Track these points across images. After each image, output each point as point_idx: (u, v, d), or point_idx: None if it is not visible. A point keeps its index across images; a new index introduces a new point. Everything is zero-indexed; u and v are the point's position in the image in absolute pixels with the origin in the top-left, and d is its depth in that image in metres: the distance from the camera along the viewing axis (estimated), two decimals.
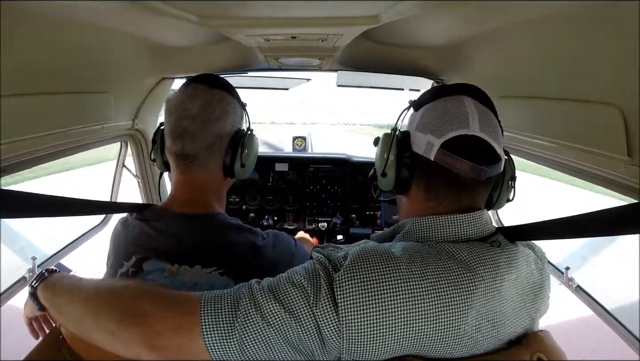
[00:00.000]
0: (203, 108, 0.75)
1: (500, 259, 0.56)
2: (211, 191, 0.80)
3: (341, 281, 0.50)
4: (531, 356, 0.54)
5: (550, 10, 0.62)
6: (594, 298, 1.13)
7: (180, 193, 0.78)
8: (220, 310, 0.51)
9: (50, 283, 0.63)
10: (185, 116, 0.74)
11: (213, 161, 0.78)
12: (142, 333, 0.51)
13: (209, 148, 0.76)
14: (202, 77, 0.80)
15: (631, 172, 0.62)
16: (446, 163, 0.58)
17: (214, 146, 0.76)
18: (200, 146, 0.75)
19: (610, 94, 0.63)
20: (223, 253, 0.72)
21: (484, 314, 0.52)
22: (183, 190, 0.78)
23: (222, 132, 0.77)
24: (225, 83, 0.82)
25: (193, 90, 0.77)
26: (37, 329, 0.75)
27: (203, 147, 0.75)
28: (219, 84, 0.80)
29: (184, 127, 0.74)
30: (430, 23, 0.85)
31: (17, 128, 0.71)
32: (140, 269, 0.71)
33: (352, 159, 1.83)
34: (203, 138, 0.75)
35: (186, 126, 0.74)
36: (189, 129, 0.74)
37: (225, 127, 0.77)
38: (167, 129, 0.78)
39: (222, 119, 0.76)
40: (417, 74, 1.39)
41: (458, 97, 0.62)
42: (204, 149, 0.76)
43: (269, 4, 0.65)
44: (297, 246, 0.85)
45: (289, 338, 0.49)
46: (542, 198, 3.95)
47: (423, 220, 0.61)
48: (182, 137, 0.75)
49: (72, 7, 0.64)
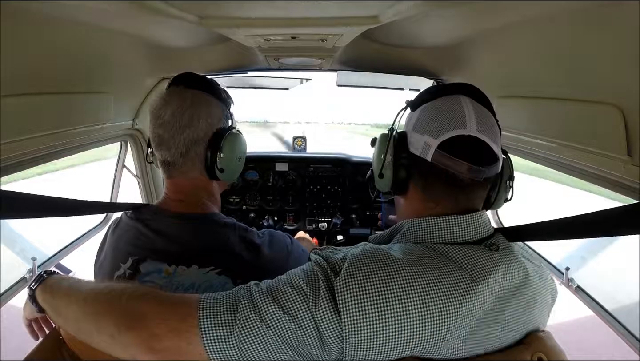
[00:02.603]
0: (172, 115, 0.73)
1: (498, 264, 0.55)
2: (200, 192, 0.79)
3: (342, 285, 0.50)
4: (531, 356, 0.54)
5: (550, 10, 0.62)
6: (594, 298, 1.13)
7: (172, 194, 0.78)
8: (219, 312, 0.51)
9: (48, 284, 0.62)
10: (159, 124, 0.73)
11: (192, 167, 0.76)
12: (141, 336, 0.50)
13: (184, 155, 0.74)
14: (179, 78, 0.78)
15: (631, 172, 0.62)
16: (443, 164, 0.58)
17: (189, 153, 0.74)
18: (174, 153, 0.74)
19: (610, 94, 0.62)
20: (220, 252, 0.72)
21: (483, 318, 0.52)
22: (173, 192, 0.78)
23: (195, 138, 0.74)
24: (204, 82, 0.79)
25: (167, 95, 0.75)
26: (36, 330, 0.75)
27: (178, 155, 0.74)
28: (196, 83, 0.77)
29: (159, 136, 0.74)
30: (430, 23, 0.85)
31: (17, 128, 0.71)
32: (137, 270, 0.70)
33: (352, 159, 1.83)
34: (176, 146, 0.73)
35: (160, 134, 0.74)
36: (163, 137, 0.73)
37: (198, 132, 0.74)
38: (149, 135, 0.78)
39: (193, 124, 0.73)
40: (417, 74, 1.39)
41: (455, 97, 0.62)
42: (179, 156, 0.74)
43: (269, 4, 0.65)
44: (292, 244, 0.85)
45: (288, 340, 0.49)
46: (536, 198, 3.96)
47: (421, 221, 0.60)
48: (160, 145, 0.75)
49: (72, 8, 0.64)
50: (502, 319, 0.54)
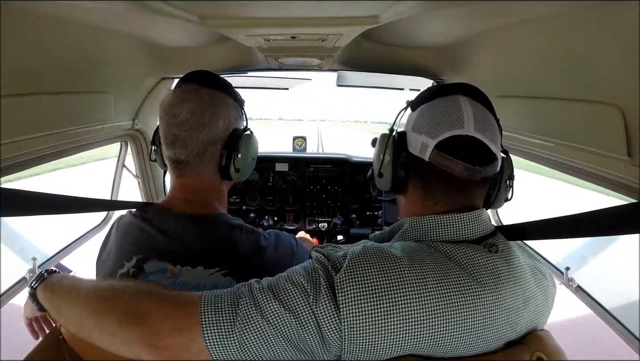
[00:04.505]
0: (191, 114, 0.72)
1: (498, 264, 0.55)
2: (210, 192, 0.79)
3: (342, 282, 0.50)
4: (531, 355, 0.54)
5: (550, 10, 0.62)
6: (594, 298, 1.13)
7: (179, 194, 0.78)
8: (220, 309, 0.51)
9: (49, 283, 0.63)
10: (174, 122, 0.72)
11: (207, 166, 0.76)
12: (143, 333, 0.51)
13: (200, 155, 0.74)
14: (193, 75, 0.77)
15: (631, 172, 0.62)
16: (441, 164, 0.58)
17: (206, 152, 0.74)
18: (191, 152, 0.73)
19: (610, 94, 0.62)
20: (226, 253, 0.71)
21: (483, 317, 0.52)
22: (181, 192, 0.78)
23: (214, 137, 0.74)
24: (219, 81, 0.79)
25: (182, 92, 0.74)
26: (37, 329, 0.75)
27: (194, 154, 0.73)
28: (211, 82, 0.77)
29: (174, 134, 0.73)
30: (430, 23, 0.85)
31: (17, 128, 0.71)
32: (142, 270, 0.70)
33: (352, 159, 1.83)
34: (193, 145, 0.73)
35: (175, 133, 0.72)
36: (179, 136, 0.72)
37: (216, 132, 0.74)
38: (160, 133, 0.77)
39: (213, 123, 0.73)
40: (417, 74, 1.39)
41: (454, 97, 0.62)
42: (195, 155, 0.74)
43: (269, 4, 0.65)
44: (298, 246, 0.85)
45: (289, 336, 0.50)
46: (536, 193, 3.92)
47: (420, 220, 0.61)
48: (173, 143, 0.74)
49: (72, 7, 0.64)
50: (501, 318, 0.54)
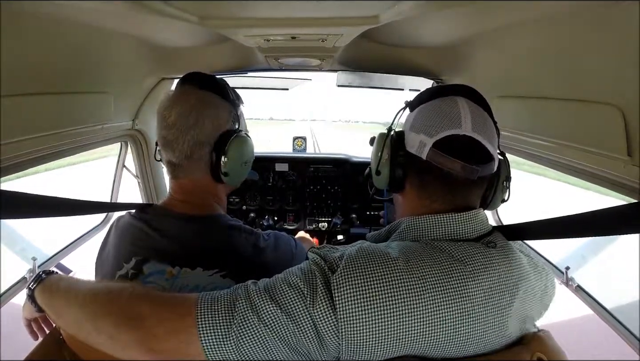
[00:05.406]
0: (179, 116, 0.72)
1: (496, 261, 0.56)
2: (205, 194, 0.79)
3: (339, 282, 0.50)
4: (531, 356, 0.54)
5: (549, 10, 0.62)
6: (594, 297, 1.13)
7: (177, 195, 0.78)
8: (216, 311, 0.51)
9: (47, 285, 0.62)
10: (164, 125, 0.73)
11: (197, 169, 0.75)
12: (140, 336, 0.50)
13: (188, 157, 0.74)
14: (186, 78, 0.78)
15: (631, 172, 0.62)
16: (438, 162, 0.58)
17: (193, 155, 0.74)
18: (179, 155, 0.73)
19: (610, 94, 0.63)
20: (225, 255, 0.71)
21: (482, 315, 0.52)
22: (179, 193, 0.78)
23: (200, 140, 0.73)
24: (211, 82, 0.78)
25: (174, 95, 0.75)
26: (36, 330, 0.75)
27: (183, 156, 0.73)
28: (201, 83, 0.77)
29: (164, 137, 0.73)
30: (430, 23, 0.85)
31: (17, 128, 0.71)
32: (140, 271, 0.70)
33: (351, 159, 1.83)
34: (181, 148, 0.73)
35: (165, 135, 0.73)
36: (168, 139, 0.73)
37: (203, 134, 0.73)
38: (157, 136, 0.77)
39: (199, 126, 0.72)
40: (417, 74, 1.39)
41: (452, 97, 0.63)
42: (184, 158, 0.74)
43: (269, 4, 0.65)
44: (297, 247, 0.85)
45: (286, 338, 0.50)
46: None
47: (418, 219, 0.61)
48: (165, 146, 0.74)
49: (72, 8, 0.64)
50: (501, 316, 0.54)
